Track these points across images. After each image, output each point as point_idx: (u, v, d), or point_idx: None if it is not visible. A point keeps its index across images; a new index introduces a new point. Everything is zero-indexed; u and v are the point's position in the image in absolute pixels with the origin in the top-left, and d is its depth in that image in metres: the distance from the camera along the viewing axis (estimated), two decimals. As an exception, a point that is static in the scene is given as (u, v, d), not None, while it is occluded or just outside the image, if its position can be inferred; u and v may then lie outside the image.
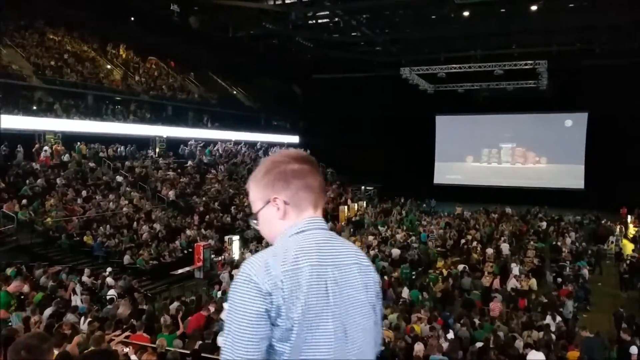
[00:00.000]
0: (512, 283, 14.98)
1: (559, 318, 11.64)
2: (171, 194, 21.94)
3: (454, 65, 28.94)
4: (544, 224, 24.79)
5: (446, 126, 36.22)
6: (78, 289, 11.75)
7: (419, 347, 8.82)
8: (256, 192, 1.39)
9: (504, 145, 34.98)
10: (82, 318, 9.42)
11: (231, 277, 16.07)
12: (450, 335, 9.69)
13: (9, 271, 11.99)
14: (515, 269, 16.35)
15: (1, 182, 17.36)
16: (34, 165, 19.33)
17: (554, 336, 9.88)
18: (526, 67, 27.51)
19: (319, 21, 27.09)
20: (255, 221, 1.42)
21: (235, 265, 17.44)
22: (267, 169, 1.38)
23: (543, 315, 11.92)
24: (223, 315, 8.54)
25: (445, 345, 9.07)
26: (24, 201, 16.64)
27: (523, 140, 34.26)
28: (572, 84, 28.37)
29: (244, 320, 1.16)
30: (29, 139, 20.18)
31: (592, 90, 27.52)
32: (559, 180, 32.36)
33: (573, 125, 32.57)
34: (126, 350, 6.71)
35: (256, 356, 1.16)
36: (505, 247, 19.80)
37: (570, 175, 32.29)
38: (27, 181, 18.00)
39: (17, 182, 17.87)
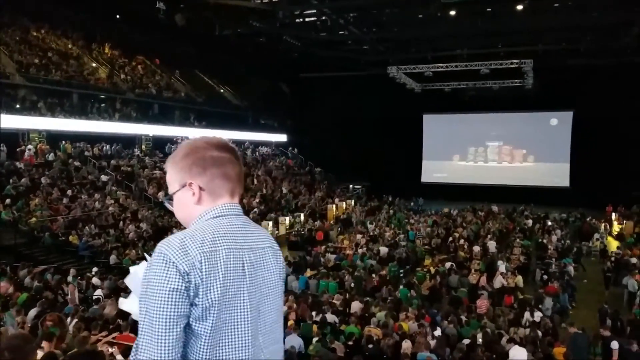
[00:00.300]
0: (498, 280, 15.11)
1: (539, 314, 11.78)
2: (160, 194, 21.78)
3: (441, 65, 29.12)
4: (530, 221, 25.05)
5: (433, 125, 36.42)
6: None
7: (406, 345, 8.86)
8: (173, 173, 1.41)
9: (491, 143, 35.29)
10: (69, 318, 9.31)
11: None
12: (438, 332, 9.75)
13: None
14: (501, 266, 16.49)
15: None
16: (18, 165, 19.05)
17: (540, 333, 9.98)
18: (512, 66, 27.76)
19: (307, 20, 27.08)
20: (169, 202, 1.44)
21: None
22: (186, 153, 1.39)
23: (521, 312, 12.05)
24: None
25: (432, 342, 9.13)
26: (8, 201, 16.38)
27: (509, 139, 34.59)
28: (557, 83, 28.72)
29: (163, 298, 1.18)
30: (13, 138, 19.89)
31: (578, 89, 27.91)
32: (544, 179, 32.74)
33: (558, 124, 32.96)
34: (112, 350, 6.63)
35: (175, 334, 1.18)
36: (491, 245, 19.97)
37: (556, 173, 32.68)
38: (11, 181, 17.74)
39: (0, 182, 17.58)
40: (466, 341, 9.14)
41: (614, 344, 8.91)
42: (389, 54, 30.44)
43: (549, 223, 24.82)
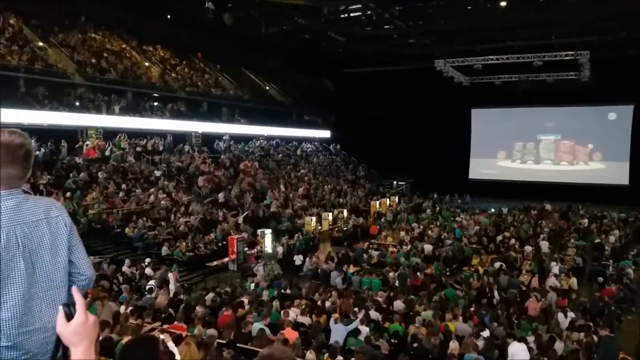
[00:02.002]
0: (551, 282, 14.57)
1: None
2: (206, 187, 22.37)
3: (491, 57, 28.25)
4: (586, 221, 23.98)
5: (482, 120, 35.44)
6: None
7: (454, 345, 8.70)
8: None
9: (544, 138, 33.97)
10: (122, 306, 9.75)
11: (264, 268, 16.30)
12: (486, 333, 9.50)
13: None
14: (554, 267, 15.88)
15: (47, 176, 18.04)
16: (77, 160, 20.04)
17: (595, 338, 9.54)
18: (567, 58, 26.59)
19: (352, 15, 26.91)
20: None
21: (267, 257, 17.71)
22: None
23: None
24: None
25: (480, 344, 8.91)
26: (68, 194, 17.26)
27: (564, 134, 33.21)
28: (616, 76, 27.23)
29: None
30: (72, 134, 20.91)
31: (638, 81, 26.36)
32: (602, 176, 31.22)
33: (617, 119, 31.33)
34: (162, 337, 6.88)
35: None
36: (544, 245, 19.28)
37: (614, 170, 31.10)
38: (71, 175, 18.69)
39: (61, 176, 18.57)
40: (516, 343, 8.86)
41: None
42: (436, 47, 29.83)
43: (606, 223, 23.67)
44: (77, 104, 22.09)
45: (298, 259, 18.19)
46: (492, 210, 27.49)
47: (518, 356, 8.25)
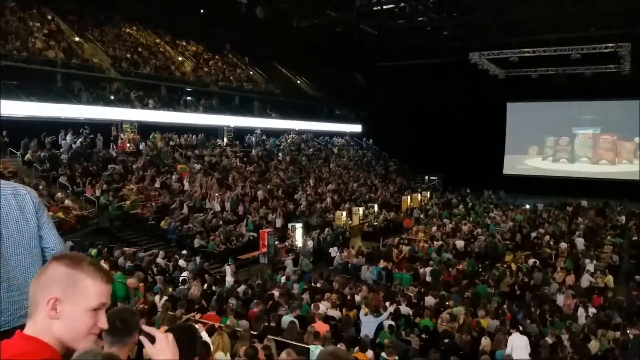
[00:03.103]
0: (585, 279, 14.20)
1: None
2: (237, 181, 22.66)
3: (527, 49, 27.50)
4: (623, 218, 23.21)
5: (518, 113, 34.59)
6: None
7: (485, 342, 8.59)
8: None
9: (581, 133, 32.91)
10: (157, 297, 10.01)
11: (294, 262, 16.43)
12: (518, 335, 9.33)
13: (92, 251, 12.95)
14: (589, 265, 15.46)
15: (83, 167, 18.62)
16: (113, 153, 20.59)
17: (631, 336, 9.26)
18: (606, 50, 25.63)
19: (384, 7, 26.62)
20: None
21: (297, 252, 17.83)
22: None
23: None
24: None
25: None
26: (104, 186, 17.77)
27: (602, 128, 32.08)
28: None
29: None
30: (107, 127, 21.49)
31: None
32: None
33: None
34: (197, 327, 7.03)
35: None
36: (580, 242, 18.79)
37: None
38: (107, 167, 19.22)
39: (97, 169, 19.12)
40: (549, 340, 8.69)
41: None
42: (470, 39, 29.21)
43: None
44: (112, 98, 22.68)
45: (333, 251, 18.29)
46: (527, 206, 26.92)
47: (517, 349, 8.10)
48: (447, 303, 11.40)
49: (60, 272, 1.36)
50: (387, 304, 10.79)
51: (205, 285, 11.80)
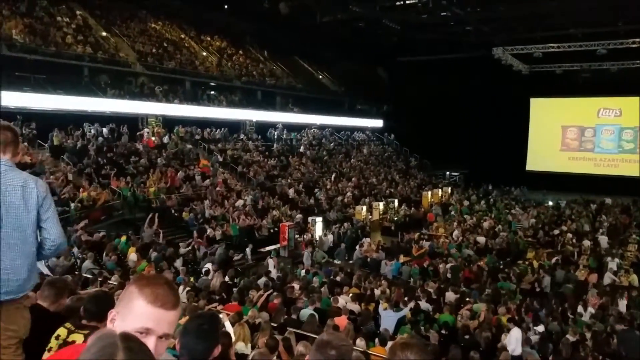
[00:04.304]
0: (608, 277, 14.00)
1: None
2: (259, 176, 22.89)
3: (552, 45, 27.06)
4: (650, 216, 22.73)
5: (542, 109, 34.02)
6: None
7: (505, 339, 8.58)
8: None
9: (607, 129, 32.19)
10: (180, 287, 10.24)
11: (311, 256, 16.50)
12: (540, 328, 9.31)
13: (123, 239, 13.38)
14: (612, 263, 15.24)
15: (109, 161, 19.05)
16: (138, 146, 21.00)
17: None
18: (633, 45, 25.00)
19: (407, 2, 26.45)
20: None
21: (314, 245, 17.92)
22: None
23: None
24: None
25: (534, 338, 8.75)
26: (128, 178, 18.16)
27: (628, 125, 31.33)
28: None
29: None
30: (133, 121, 21.92)
31: None
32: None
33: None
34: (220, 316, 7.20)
35: None
36: (603, 240, 18.49)
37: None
38: (132, 160, 19.62)
39: (123, 161, 19.53)
40: (571, 338, 8.64)
41: None
42: (494, 34, 28.82)
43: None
44: (138, 92, 23.10)
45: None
46: (550, 203, 26.55)
47: (512, 341, 8.17)
48: (467, 299, 11.39)
49: (128, 289, 1.37)
50: (407, 299, 10.84)
51: (227, 278, 12.01)
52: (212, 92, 26.78)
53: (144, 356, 1.04)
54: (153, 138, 22.00)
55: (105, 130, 20.53)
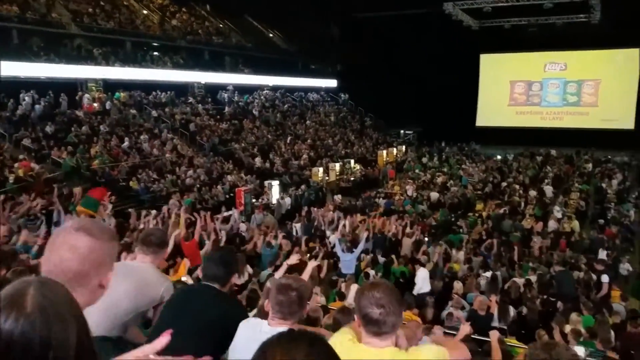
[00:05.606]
0: (552, 224, 14.68)
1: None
2: (211, 140, 22.30)
3: (501, -1, 27.15)
4: (590, 165, 23.89)
5: (491, 66, 34.52)
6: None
7: (458, 286, 8.85)
8: None
9: (553, 83, 33.13)
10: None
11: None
12: (489, 274, 9.66)
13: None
14: (556, 210, 15.95)
15: (49, 129, 17.99)
16: (78, 113, 19.89)
17: (594, 276, 9.72)
18: (577, -1, 25.51)
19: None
20: None
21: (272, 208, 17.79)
22: None
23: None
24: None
25: (483, 283, 9.09)
26: (70, 148, 17.24)
27: (573, 79, 32.35)
28: (627, 18, 26.13)
29: None
30: (72, 87, 20.65)
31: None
32: (608, 121, 30.63)
33: (625, 63, 30.38)
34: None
35: None
36: (548, 190, 19.29)
37: (620, 115, 30.48)
38: (72, 129, 18.59)
39: (62, 130, 18.48)
40: (519, 280, 9.05)
41: (604, 278, 9.35)
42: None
43: (610, 167, 23.57)
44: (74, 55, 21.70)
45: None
46: (498, 157, 27.39)
47: (419, 280, 8.68)
48: (422, 249, 11.65)
49: None
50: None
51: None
52: (156, 53, 25.50)
53: (57, 291, 0.96)
54: (94, 104, 20.87)
55: (42, 97, 19.26)
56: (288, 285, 2.20)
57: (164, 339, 1.09)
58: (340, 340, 1.81)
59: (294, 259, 4.08)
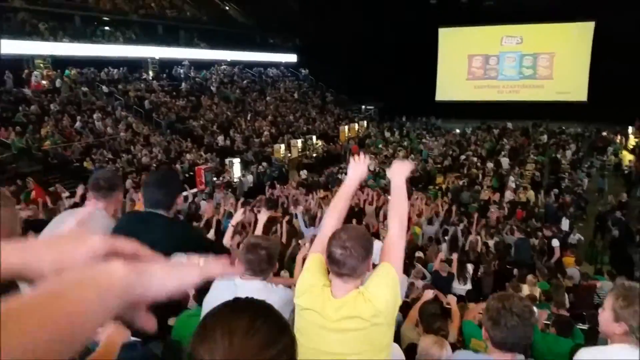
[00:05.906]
0: (508, 195, 15.13)
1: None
2: (168, 117, 21.68)
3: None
4: (545, 137, 24.67)
5: (449, 39, 34.83)
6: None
7: (419, 255, 9.05)
8: None
9: (509, 57, 33.79)
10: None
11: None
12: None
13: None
14: (512, 181, 16.46)
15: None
16: (26, 92, 18.90)
17: (545, 240, 10.16)
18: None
19: None
20: None
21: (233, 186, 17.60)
22: None
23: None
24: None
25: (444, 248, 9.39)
26: (18, 128, 16.42)
27: (528, 52, 33.09)
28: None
29: None
30: (17, 64, 19.55)
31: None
32: (562, 94, 31.66)
33: (579, 35, 31.28)
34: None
35: None
36: (504, 162, 19.83)
37: (573, 87, 31.53)
38: (20, 108, 17.68)
39: (9, 110, 17.55)
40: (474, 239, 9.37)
41: (554, 242, 9.69)
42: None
43: (564, 138, 24.44)
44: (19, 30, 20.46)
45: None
46: (457, 130, 27.92)
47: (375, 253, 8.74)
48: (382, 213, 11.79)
49: None
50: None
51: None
52: (107, 28, 24.36)
53: None
54: (43, 82, 19.86)
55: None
56: (257, 244, 2.27)
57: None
58: (313, 283, 1.84)
59: (238, 215, 3.86)
